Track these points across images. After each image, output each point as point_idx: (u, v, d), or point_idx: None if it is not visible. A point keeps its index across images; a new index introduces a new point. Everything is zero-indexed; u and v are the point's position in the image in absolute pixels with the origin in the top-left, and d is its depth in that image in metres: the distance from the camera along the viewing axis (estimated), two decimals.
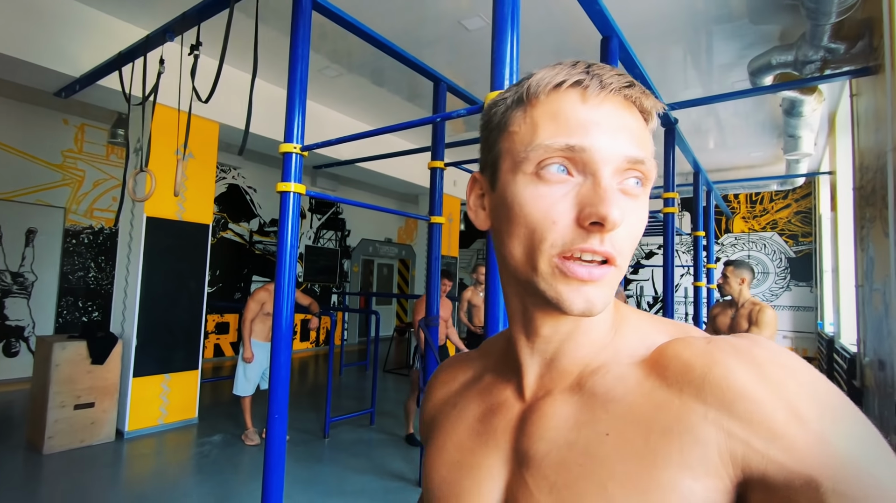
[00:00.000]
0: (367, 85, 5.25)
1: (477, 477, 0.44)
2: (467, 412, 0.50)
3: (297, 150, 2.31)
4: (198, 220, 4.46)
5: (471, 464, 0.46)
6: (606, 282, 0.38)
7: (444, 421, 0.52)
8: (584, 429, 0.39)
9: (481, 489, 0.44)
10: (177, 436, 4.04)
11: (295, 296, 3.99)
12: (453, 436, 0.49)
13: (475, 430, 0.48)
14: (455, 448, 0.48)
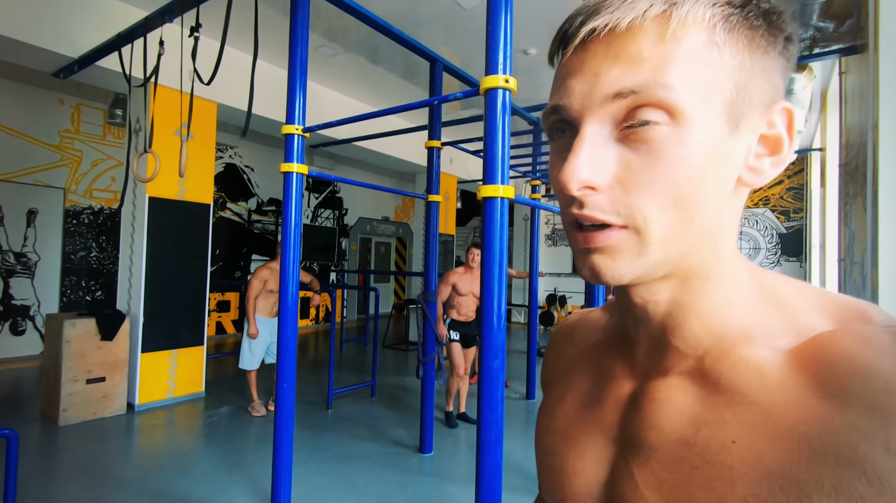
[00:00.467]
0: (364, 63, 5.26)
1: (582, 453, 0.42)
2: (579, 379, 0.46)
3: (298, 131, 2.39)
4: (199, 200, 4.54)
5: (576, 439, 0.43)
6: (615, 249, 0.34)
7: (556, 386, 0.49)
8: (704, 428, 0.34)
9: (585, 467, 0.41)
10: (186, 409, 4.20)
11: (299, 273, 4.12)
12: (563, 405, 0.46)
13: (584, 402, 0.44)
14: (563, 417, 0.46)
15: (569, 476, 0.42)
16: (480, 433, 1.68)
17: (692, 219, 0.34)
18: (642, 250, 0.34)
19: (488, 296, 1.72)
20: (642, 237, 0.34)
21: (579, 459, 0.42)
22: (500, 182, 1.71)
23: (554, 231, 10.82)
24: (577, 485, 0.42)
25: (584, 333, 0.51)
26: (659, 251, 0.34)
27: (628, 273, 0.35)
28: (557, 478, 0.44)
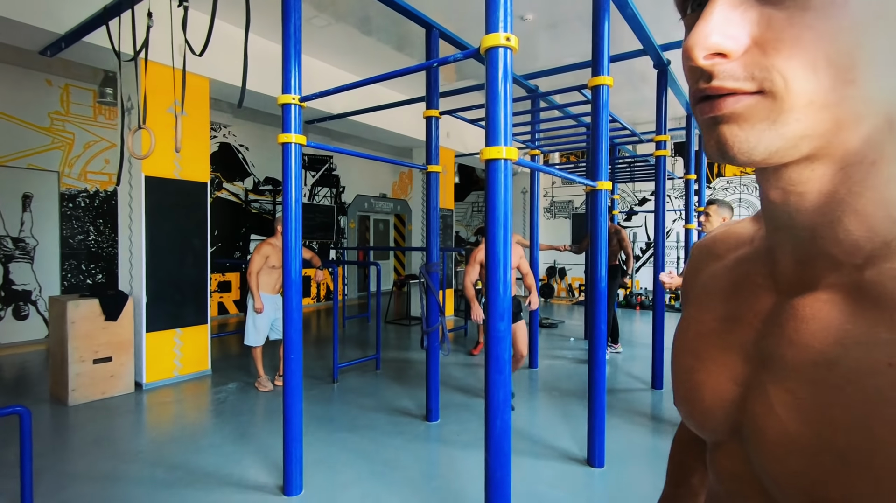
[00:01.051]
0: (356, 35, 5.15)
1: (715, 371, 0.40)
2: (718, 295, 0.44)
3: (295, 100, 2.35)
4: (195, 179, 4.49)
5: (710, 356, 0.41)
6: (744, 115, 0.30)
7: (693, 303, 0.47)
8: (853, 348, 0.30)
9: (718, 385, 0.40)
10: (193, 386, 4.25)
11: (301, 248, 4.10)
12: (698, 322, 0.44)
13: (720, 318, 0.42)
14: (697, 335, 0.44)
15: (701, 394, 0.41)
16: (488, 394, 1.70)
17: (853, 80, 0.28)
18: (778, 117, 0.29)
19: (494, 260, 1.72)
20: (779, 101, 0.29)
21: (711, 377, 0.40)
22: (503, 143, 1.69)
23: (552, 203, 10.79)
24: (708, 404, 0.40)
25: (728, 245, 0.47)
26: (801, 120, 0.29)
27: (761, 145, 0.30)
28: (689, 395, 0.42)
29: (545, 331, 6.91)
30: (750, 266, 0.42)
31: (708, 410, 0.40)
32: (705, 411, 0.41)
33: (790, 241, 0.36)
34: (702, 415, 0.41)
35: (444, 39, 3.49)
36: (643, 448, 3.05)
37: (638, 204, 9.71)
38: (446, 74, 6.22)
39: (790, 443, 0.32)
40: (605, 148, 2.73)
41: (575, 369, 4.84)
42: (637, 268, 9.66)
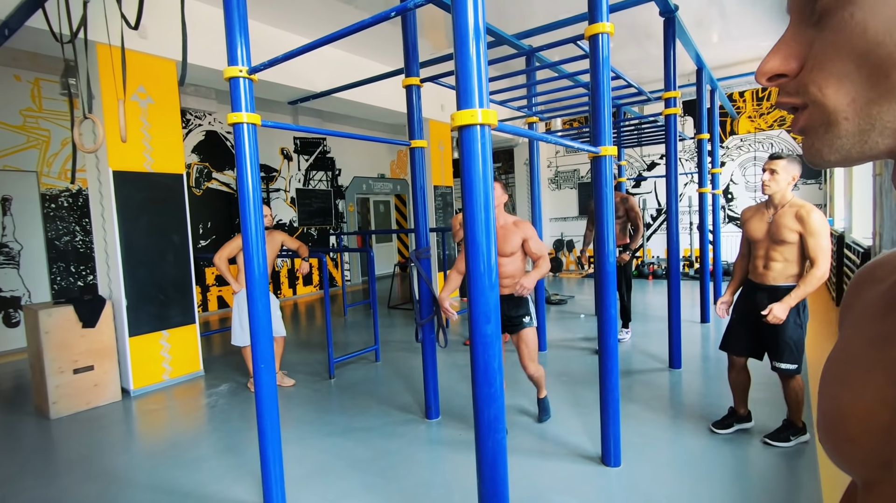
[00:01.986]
0: (334, 4, 4.74)
1: (858, 394, 0.37)
2: (869, 319, 0.40)
3: (243, 73, 2.03)
4: (169, 170, 4.20)
5: (854, 382, 0.38)
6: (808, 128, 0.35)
7: (845, 327, 0.44)
8: None
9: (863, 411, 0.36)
10: (184, 390, 4.05)
11: (279, 238, 3.82)
12: (847, 348, 0.41)
13: (870, 341, 0.38)
14: (843, 360, 0.40)
15: (843, 420, 0.38)
16: (477, 412, 1.42)
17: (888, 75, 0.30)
18: (828, 119, 0.33)
19: (474, 249, 1.41)
20: (821, 106, 0.33)
21: (857, 402, 0.37)
22: (477, 105, 1.36)
23: (557, 174, 10.37)
24: (851, 430, 0.37)
25: (891, 268, 0.43)
26: (850, 117, 0.32)
27: (825, 147, 0.34)
28: (832, 424, 0.39)
29: (554, 308, 6.62)
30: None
31: (854, 439, 0.37)
32: (851, 440, 0.37)
33: None
34: (844, 447, 0.38)
35: None
36: (664, 439, 2.77)
37: (647, 169, 9.25)
38: (435, 40, 5.79)
39: None
40: (608, 108, 2.37)
41: (587, 350, 4.56)
42: (648, 237, 9.27)
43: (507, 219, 2.79)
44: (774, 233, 2.45)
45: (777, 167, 2.41)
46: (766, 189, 2.46)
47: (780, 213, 2.45)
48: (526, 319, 2.78)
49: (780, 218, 2.44)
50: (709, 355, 4.27)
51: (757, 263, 2.57)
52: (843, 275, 5.74)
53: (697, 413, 3.09)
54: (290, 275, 8.55)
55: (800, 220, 2.37)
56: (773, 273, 2.49)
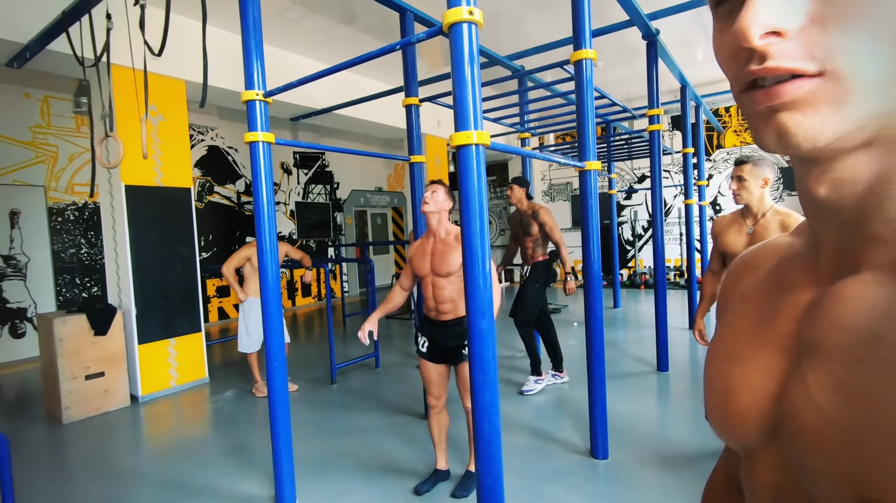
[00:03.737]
0: (335, 26, 4.99)
1: (750, 369, 0.39)
2: (754, 301, 0.43)
3: (259, 96, 2.23)
4: (178, 185, 4.38)
5: (743, 355, 0.40)
6: (807, 101, 0.28)
7: (729, 312, 0.46)
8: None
9: (752, 382, 0.38)
10: (190, 396, 4.18)
11: (283, 249, 3.99)
12: (734, 327, 0.43)
13: (756, 320, 0.41)
14: (733, 339, 0.42)
15: (734, 394, 0.40)
16: (474, 397, 1.59)
17: None
18: (844, 99, 0.28)
19: (471, 252, 1.60)
20: (843, 84, 0.27)
21: (746, 375, 0.39)
22: (472, 127, 1.56)
23: (550, 187, 10.62)
24: (743, 401, 0.39)
25: (768, 256, 0.46)
26: (869, 99, 0.27)
27: (826, 131, 0.29)
28: (722, 399, 0.41)
29: None
30: (789, 265, 0.41)
31: (742, 411, 0.39)
32: (739, 413, 0.39)
33: (834, 228, 0.35)
34: (735, 418, 0.39)
35: (420, 23, 3.34)
36: (650, 435, 2.94)
37: (637, 181, 9.52)
38: (432, 59, 6.04)
39: (830, 428, 0.30)
40: (592, 126, 2.59)
41: (579, 356, 4.73)
42: (640, 247, 9.50)
43: (450, 231, 2.37)
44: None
45: (743, 173, 2.18)
46: (738, 199, 2.22)
47: (763, 224, 2.17)
48: (465, 351, 2.30)
49: (762, 229, 2.16)
50: (696, 359, 4.45)
51: None
52: None
53: (683, 411, 3.26)
54: (290, 286, 8.70)
55: (787, 229, 2.05)
56: None
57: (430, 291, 2.36)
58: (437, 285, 2.34)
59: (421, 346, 2.42)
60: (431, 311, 2.39)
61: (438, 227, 2.36)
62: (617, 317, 6.59)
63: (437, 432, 2.50)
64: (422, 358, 2.43)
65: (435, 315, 2.38)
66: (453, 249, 2.30)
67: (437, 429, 2.49)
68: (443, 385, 2.45)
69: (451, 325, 2.35)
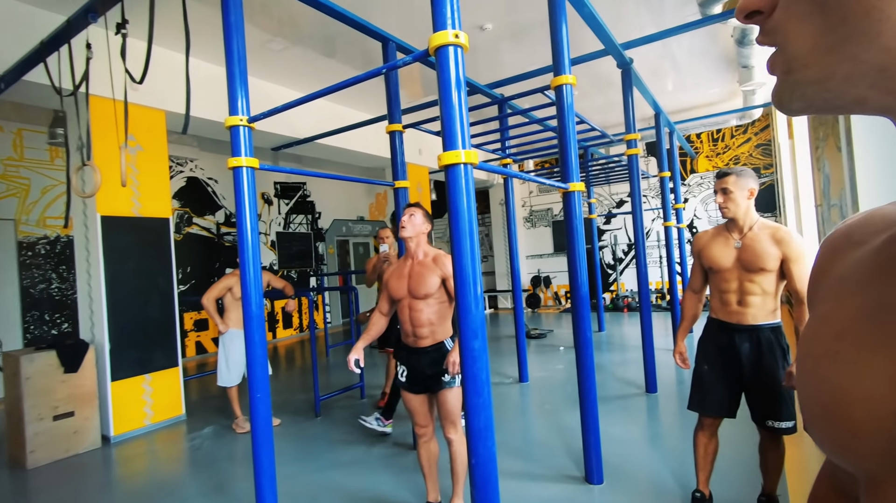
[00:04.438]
0: (318, 57, 5.06)
1: (861, 374, 0.31)
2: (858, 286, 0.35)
3: (243, 122, 2.22)
4: (156, 215, 4.30)
5: (855, 359, 0.32)
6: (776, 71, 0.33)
7: (825, 299, 0.38)
8: None
9: (873, 392, 0.30)
10: (166, 434, 3.99)
11: (265, 278, 3.91)
12: (833, 321, 0.35)
13: (865, 311, 0.33)
14: (833, 336, 0.35)
15: (846, 406, 0.32)
16: (468, 420, 1.55)
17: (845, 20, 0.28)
18: (790, 66, 0.31)
19: (462, 274, 1.59)
20: (782, 51, 0.32)
21: (859, 384, 0.31)
22: (460, 147, 1.57)
23: (531, 213, 10.75)
24: (859, 417, 0.31)
25: (874, 228, 0.38)
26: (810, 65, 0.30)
27: (787, 96, 0.32)
28: (829, 411, 0.33)
29: (534, 342, 6.76)
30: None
31: (859, 431, 0.31)
32: (855, 432, 0.31)
33: None
34: (849, 439, 0.32)
35: (402, 52, 3.40)
36: (643, 457, 2.90)
37: (616, 206, 9.72)
38: (412, 90, 6.16)
39: None
40: (574, 148, 2.64)
41: (567, 379, 4.69)
42: (621, 271, 9.62)
43: (428, 253, 2.31)
44: (750, 260, 2.04)
45: (728, 184, 2.07)
46: (725, 212, 2.10)
47: (752, 237, 2.06)
48: (446, 378, 2.23)
49: (751, 242, 2.05)
50: (683, 380, 4.45)
51: (728, 299, 2.11)
52: None
53: (675, 432, 3.24)
54: (270, 318, 8.50)
55: (780, 242, 2.00)
56: (753, 310, 2.05)
57: (407, 314, 2.29)
58: (414, 308, 2.27)
59: (400, 376, 2.34)
60: (409, 337, 2.32)
61: (416, 250, 2.32)
62: (602, 340, 6.59)
63: (427, 463, 2.39)
64: (402, 389, 2.35)
65: (413, 341, 2.31)
66: (431, 271, 2.24)
67: (426, 459, 2.39)
68: (427, 413, 2.36)
69: (429, 352, 2.28)
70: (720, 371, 2.12)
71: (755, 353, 2.04)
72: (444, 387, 2.24)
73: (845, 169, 2.71)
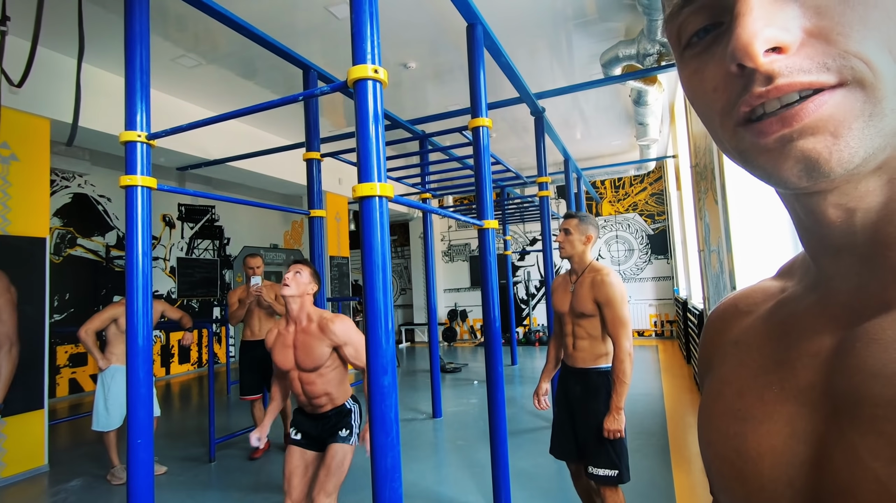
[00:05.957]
0: (234, 78, 4.88)
1: (768, 431, 0.32)
2: (753, 349, 0.37)
3: (141, 138, 2.04)
4: (30, 234, 3.79)
5: (757, 416, 0.33)
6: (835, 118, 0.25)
7: (720, 365, 0.40)
8: None
9: (775, 446, 0.31)
10: (21, 490, 3.40)
11: (159, 307, 3.58)
12: (733, 381, 0.37)
13: (763, 369, 0.35)
14: (735, 395, 0.36)
15: (753, 461, 0.32)
16: (374, 461, 1.48)
17: None
18: (874, 109, 0.24)
19: (373, 307, 1.55)
20: (870, 89, 0.24)
21: (765, 437, 0.32)
22: (376, 179, 1.56)
23: (450, 247, 10.94)
24: (767, 471, 0.31)
25: (756, 299, 0.41)
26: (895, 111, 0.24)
27: (862, 148, 0.25)
28: (736, 467, 0.33)
29: (448, 376, 6.75)
30: (792, 307, 0.35)
31: (768, 484, 0.31)
32: (765, 487, 0.31)
33: (850, 264, 0.30)
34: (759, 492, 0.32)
35: (323, 81, 3.38)
36: (550, 491, 2.95)
37: (529, 244, 10.19)
38: (334, 119, 6.11)
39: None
40: (489, 188, 2.74)
41: (480, 414, 4.71)
42: (534, 306, 10.01)
43: (312, 318, 2.12)
44: (575, 304, 2.09)
45: (570, 226, 2.14)
46: (562, 252, 2.17)
47: (581, 281, 2.11)
48: (342, 433, 2.09)
49: (579, 286, 2.10)
50: None
51: (566, 342, 2.16)
52: (689, 335, 6.70)
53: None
54: (164, 351, 7.73)
55: (593, 285, 2.04)
56: (582, 353, 2.09)
57: (300, 387, 2.12)
58: (305, 381, 2.10)
59: (293, 435, 2.17)
60: (306, 406, 2.16)
61: (300, 314, 2.11)
62: (515, 373, 6.74)
63: None
64: (290, 444, 2.14)
65: (310, 409, 2.16)
66: (319, 340, 2.07)
67: None
68: (307, 484, 2.10)
69: (329, 416, 2.13)
70: (564, 415, 2.16)
71: (583, 397, 2.06)
72: (337, 440, 2.07)
73: (721, 220, 3.07)
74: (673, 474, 3.05)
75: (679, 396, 4.91)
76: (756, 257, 2.81)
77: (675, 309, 8.70)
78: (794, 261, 0.40)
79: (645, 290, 9.22)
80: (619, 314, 1.97)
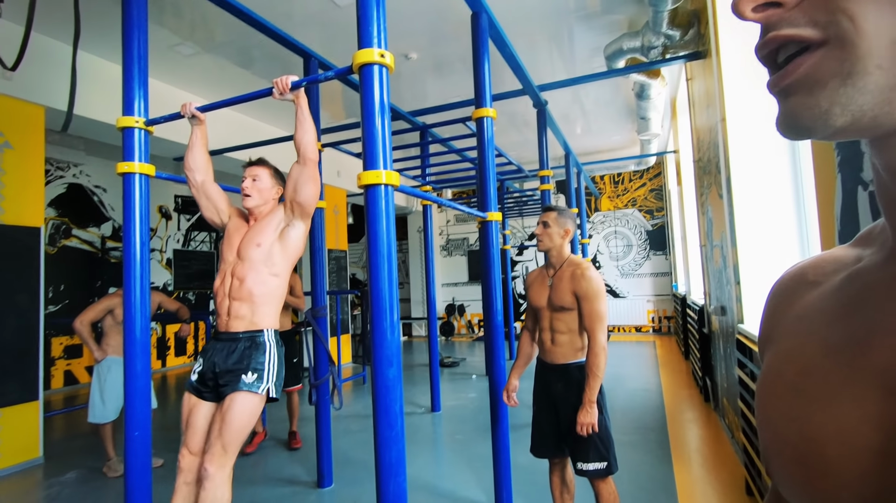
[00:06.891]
0: (231, 67, 4.81)
1: (836, 414, 0.30)
2: (820, 323, 0.34)
3: (139, 123, 2.00)
4: (24, 223, 3.73)
5: (823, 397, 0.31)
6: (813, 78, 0.25)
7: (783, 339, 0.37)
8: None
9: (844, 429, 0.29)
10: (15, 482, 3.36)
11: (156, 299, 3.54)
12: (797, 358, 0.34)
13: (831, 348, 0.32)
14: (798, 373, 0.34)
15: (818, 445, 0.30)
16: (378, 454, 1.45)
17: None
18: (853, 67, 0.24)
19: (379, 299, 1.52)
20: (849, 47, 0.24)
21: (832, 420, 0.29)
22: (381, 167, 1.52)
23: (448, 242, 10.91)
24: (832, 457, 0.29)
25: (826, 269, 0.37)
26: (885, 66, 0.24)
27: (836, 107, 0.25)
28: (799, 450, 0.31)
29: (447, 370, 6.74)
30: (870, 278, 0.32)
31: (833, 470, 0.29)
32: (829, 473, 0.29)
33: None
34: (822, 477, 0.30)
35: (324, 70, 3.33)
36: (548, 487, 2.93)
37: (528, 239, 10.16)
38: (333, 111, 6.05)
39: None
40: (493, 179, 2.70)
41: (479, 408, 4.69)
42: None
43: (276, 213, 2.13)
44: (554, 298, 2.05)
45: (549, 219, 2.12)
46: (540, 245, 2.13)
47: (559, 275, 2.08)
48: (247, 378, 1.81)
49: (558, 280, 2.07)
50: None
51: (544, 337, 2.12)
52: (688, 332, 6.70)
53: None
54: (161, 344, 7.68)
55: (572, 278, 2.02)
56: (562, 348, 2.06)
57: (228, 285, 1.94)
58: (237, 273, 1.93)
59: (192, 373, 1.93)
60: (222, 318, 1.93)
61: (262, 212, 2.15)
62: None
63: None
64: (187, 391, 1.93)
65: (224, 324, 1.91)
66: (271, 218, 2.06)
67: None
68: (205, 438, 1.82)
69: (239, 339, 1.88)
70: (545, 412, 2.13)
71: (566, 393, 2.03)
72: (239, 388, 1.77)
73: (726, 214, 3.05)
74: (673, 468, 3.04)
75: (677, 391, 4.91)
76: (761, 252, 2.79)
77: (673, 305, 8.70)
78: (872, 228, 0.36)
79: (643, 286, 9.23)
80: (598, 308, 1.95)
